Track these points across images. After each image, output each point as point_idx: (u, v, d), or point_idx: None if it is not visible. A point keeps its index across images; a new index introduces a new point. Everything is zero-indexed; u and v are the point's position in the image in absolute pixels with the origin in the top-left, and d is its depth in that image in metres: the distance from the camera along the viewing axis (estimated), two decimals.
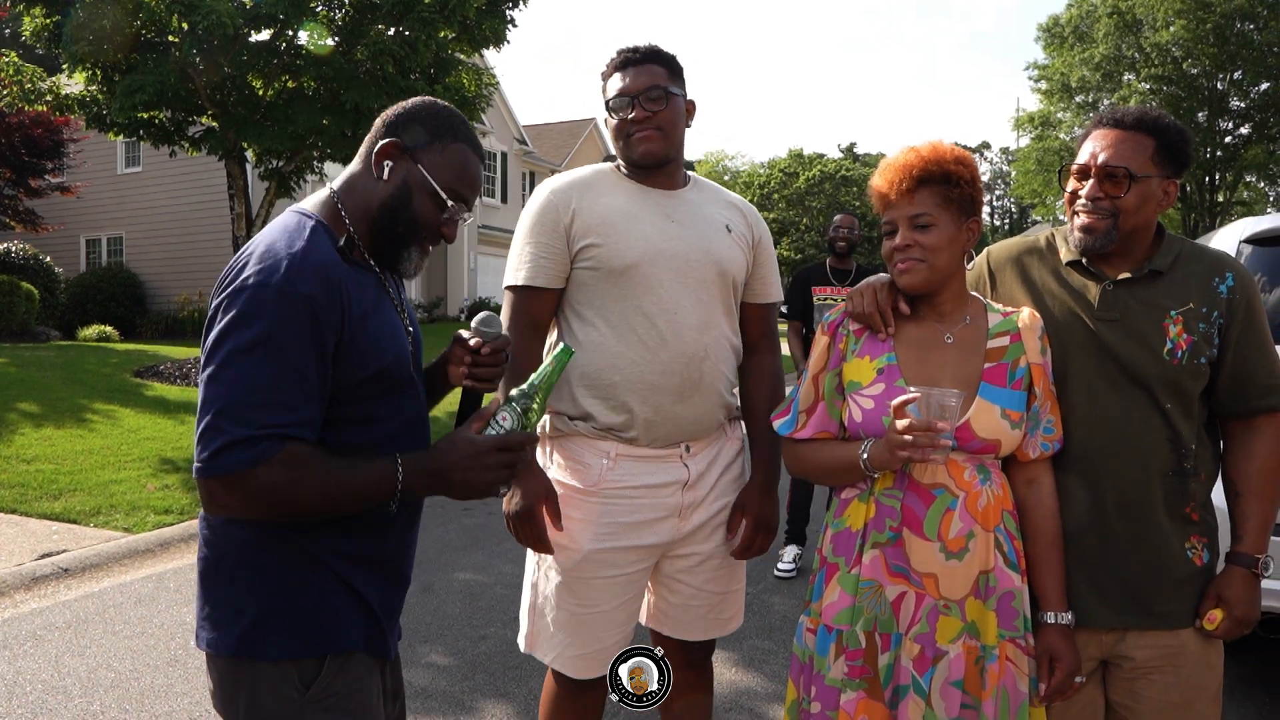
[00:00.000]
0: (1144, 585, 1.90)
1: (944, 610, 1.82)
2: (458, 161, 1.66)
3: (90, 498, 6.51)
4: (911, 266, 1.86)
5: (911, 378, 1.88)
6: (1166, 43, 27.75)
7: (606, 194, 2.25)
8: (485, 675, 3.87)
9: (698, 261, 2.23)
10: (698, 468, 2.28)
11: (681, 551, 2.31)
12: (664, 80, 2.23)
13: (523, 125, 30.65)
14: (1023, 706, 1.83)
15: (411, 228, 1.65)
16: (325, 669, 1.58)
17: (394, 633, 1.76)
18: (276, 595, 1.56)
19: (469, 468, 1.55)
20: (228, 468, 1.43)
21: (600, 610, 2.24)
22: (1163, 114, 1.97)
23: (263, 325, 1.45)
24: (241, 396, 1.44)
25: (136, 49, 10.66)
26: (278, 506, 1.48)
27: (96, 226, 22.50)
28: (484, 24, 12.03)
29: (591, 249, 2.19)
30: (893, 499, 1.87)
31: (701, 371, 2.22)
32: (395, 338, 1.66)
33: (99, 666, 3.92)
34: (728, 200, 2.42)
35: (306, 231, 1.57)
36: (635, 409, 2.18)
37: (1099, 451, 1.91)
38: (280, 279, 1.47)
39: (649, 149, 2.22)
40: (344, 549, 1.61)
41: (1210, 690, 1.93)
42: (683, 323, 2.19)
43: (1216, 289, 1.93)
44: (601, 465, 2.22)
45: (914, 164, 1.86)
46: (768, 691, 3.76)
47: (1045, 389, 1.90)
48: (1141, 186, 1.90)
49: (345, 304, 1.53)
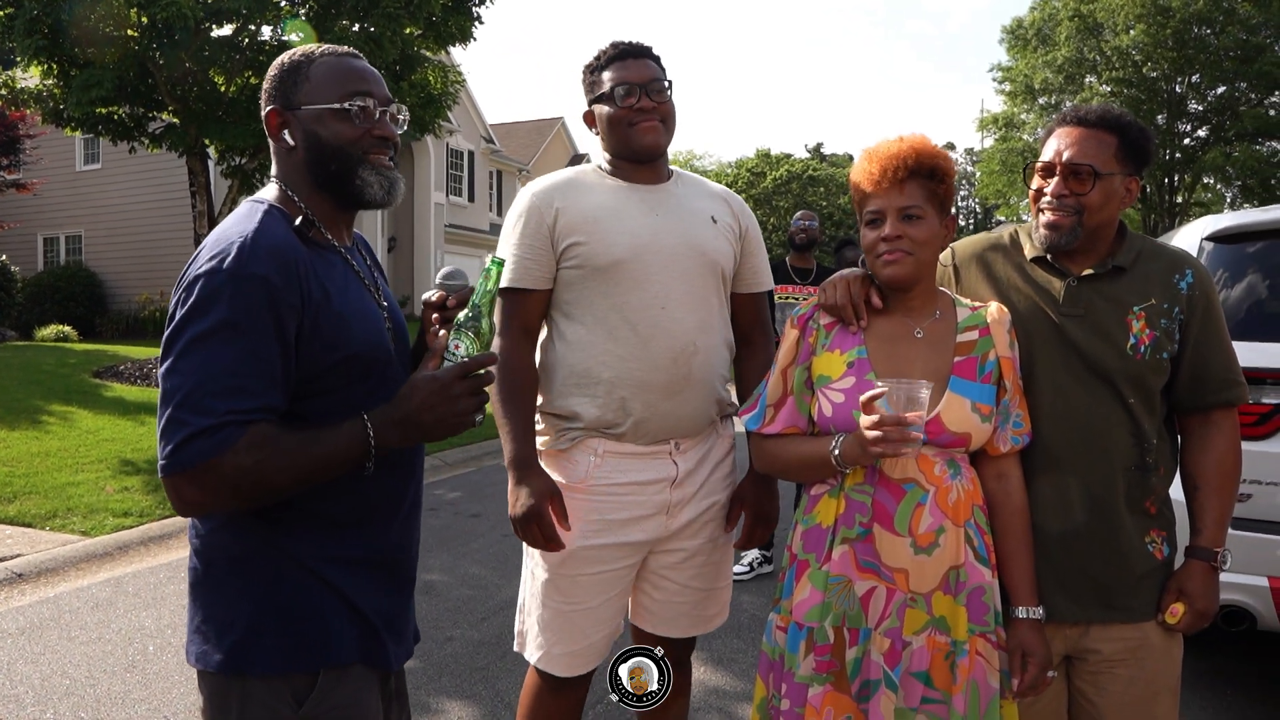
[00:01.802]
0: (1107, 580, 1.92)
1: (910, 603, 1.82)
2: (326, 73, 1.59)
3: (46, 500, 6.37)
4: (900, 258, 1.84)
5: (882, 371, 1.87)
6: (1127, 46, 28.19)
7: (589, 192, 2.23)
8: (451, 678, 3.82)
9: (684, 254, 2.21)
10: (687, 465, 2.25)
11: (668, 548, 2.29)
12: (662, 75, 2.24)
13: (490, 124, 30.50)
14: (993, 701, 1.82)
15: (341, 156, 1.58)
16: (319, 684, 1.52)
17: (400, 641, 1.68)
18: (266, 607, 1.50)
19: (437, 404, 1.49)
20: (192, 460, 1.37)
21: (586, 607, 2.22)
22: (1125, 112, 1.99)
23: (219, 311, 1.40)
24: (201, 384, 1.39)
25: (94, 42, 10.44)
26: (249, 491, 1.42)
27: (55, 224, 22.08)
28: (450, 21, 11.94)
29: (576, 247, 2.17)
30: (863, 494, 1.85)
31: (691, 366, 2.19)
32: (367, 320, 1.59)
33: (53, 674, 3.82)
34: (712, 191, 2.40)
35: (258, 215, 1.52)
36: (625, 406, 2.16)
37: (1064, 446, 1.92)
38: (232, 263, 1.42)
39: (655, 140, 2.22)
40: (336, 553, 1.56)
41: (1171, 682, 1.96)
42: (671, 317, 2.18)
43: (1177, 285, 1.95)
44: (589, 462, 2.19)
45: (906, 154, 1.85)
46: (737, 690, 3.74)
47: (1014, 383, 1.90)
48: (1105, 183, 1.92)
49: (304, 285, 1.48)
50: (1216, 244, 3.56)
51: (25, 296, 19.17)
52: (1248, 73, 27.03)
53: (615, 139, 2.24)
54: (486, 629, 4.36)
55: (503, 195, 32.30)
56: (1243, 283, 3.48)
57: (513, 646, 2.36)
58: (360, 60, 1.64)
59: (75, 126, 11.83)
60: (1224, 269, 3.50)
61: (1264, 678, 3.80)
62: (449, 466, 8.70)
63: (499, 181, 31.94)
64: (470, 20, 12.28)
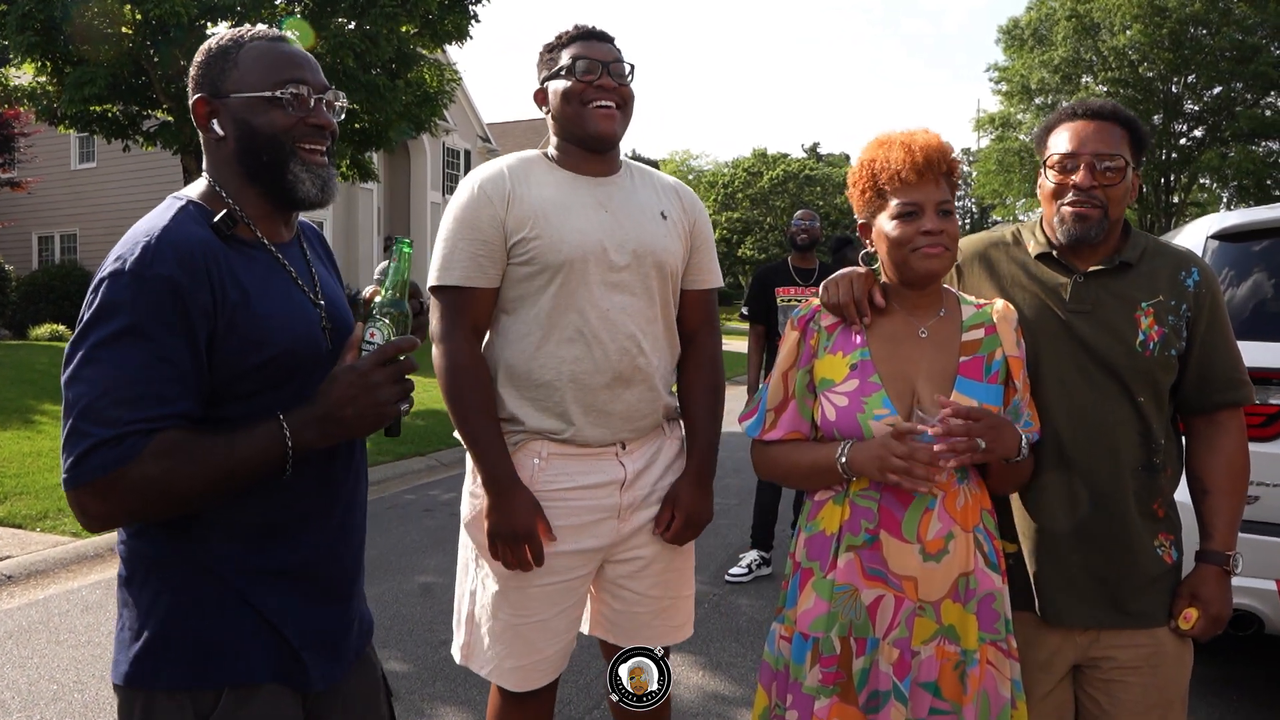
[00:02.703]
0: (1118, 583, 1.88)
1: (919, 612, 1.76)
2: (257, 59, 1.50)
3: (37, 501, 6.30)
4: (941, 252, 1.77)
5: (886, 373, 1.81)
6: (1123, 46, 28.22)
7: (538, 184, 2.11)
8: (445, 682, 3.76)
9: (633, 253, 2.12)
10: (635, 466, 2.16)
11: (623, 555, 2.21)
12: (624, 60, 2.14)
13: (487, 123, 30.45)
14: (1004, 710, 1.77)
15: (273, 146, 1.48)
16: (223, 703, 1.43)
17: (333, 658, 1.57)
18: (172, 618, 1.43)
19: (357, 395, 1.39)
20: (94, 473, 1.29)
21: (538, 619, 2.13)
22: (1123, 106, 1.99)
23: (122, 316, 1.32)
24: (105, 393, 1.31)
25: (88, 39, 10.36)
26: (158, 503, 1.34)
27: (49, 223, 22.01)
28: (446, 19, 11.89)
29: (526, 243, 2.06)
30: (869, 500, 1.80)
31: (636, 367, 2.12)
32: (293, 320, 1.49)
33: (40, 678, 3.76)
34: (663, 184, 2.30)
35: (172, 211, 1.44)
36: (567, 409, 2.08)
37: (1072, 444, 1.88)
38: (135, 263, 1.34)
39: (609, 128, 2.10)
40: (255, 565, 1.46)
41: (1183, 689, 1.92)
42: (617, 318, 2.09)
43: (1184, 282, 1.92)
44: (533, 466, 2.10)
45: (945, 149, 1.80)
46: (735, 695, 3.69)
47: (1024, 382, 1.85)
48: (1129, 176, 1.91)
49: (217, 285, 1.39)
50: (1222, 242, 3.51)
51: (19, 295, 19.08)
52: (1244, 73, 27.06)
53: (568, 118, 2.11)
54: None
55: None
56: (1248, 281, 3.44)
57: (458, 659, 2.25)
58: (293, 45, 1.55)
59: (69, 124, 11.76)
60: (1229, 267, 3.46)
61: (1271, 682, 3.75)
62: (444, 467, 8.64)
63: None
64: (467, 18, 12.22)
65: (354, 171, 13.09)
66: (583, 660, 3.64)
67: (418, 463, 8.62)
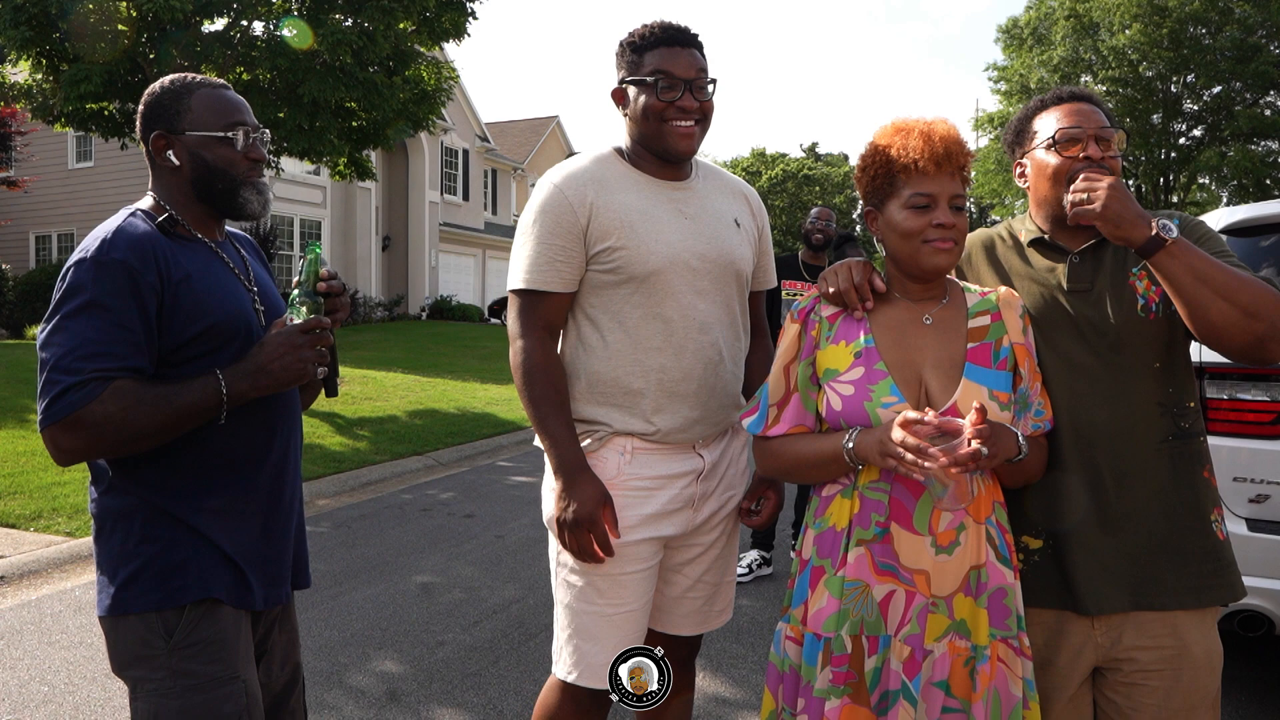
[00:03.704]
0: (1155, 561, 1.81)
1: (932, 608, 1.71)
2: (208, 105, 1.84)
3: (31, 501, 6.25)
4: (951, 246, 1.75)
5: (891, 360, 1.77)
6: (1123, 46, 28.20)
7: (620, 190, 2.10)
8: (441, 684, 3.71)
9: (714, 262, 2.15)
10: (711, 458, 2.21)
11: (687, 542, 2.24)
12: (708, 68, 2.11)
13: (485, 123, 30.41)
14: (1016, 709, 1.72)
15: (226, 177, 1.83)
16: (184, 618, 1.72)
17: (272, 584, 1.88)
18: (139, 554, 1.73)
19: (284, 354, 1.73)
20: (63, 411, 1.61)
21: (630, 609, 2.13)
22: None
23: (85, 293, 1.65)
24: (71, 350, 1.62)
25: (83, 36, 10.29)
26: (114, 436, 1.64)
27: (47, 223, 21.94)
28: (443, 16, 11.80)
29: (612, 253, 2.06)
30: (879, 492, 1.75)
31: (718, 376, 2.16)
32: (227, 298, 1.81)
33: (31, 680, 3.71)
34: (733, 189, 2.32)
35: (123, 216, 1.78)
36: (653, 415, 2.10)
37: (1090, 427, 1.82)
38: (95, 251, 1.68)
39: (689, 146, 2.10)
40: (204, 503, 1.77)
41: (1211, 696, 1.83)
42: (701, 326, 2.13)
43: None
44: (619, 460, 2.12)
45: (963, 143, 1.77)
46: (737, 698, 3.64)
47: (1031, 369, 1.81)
48: None
49: (163, 268, 1.71)
50: (1231, 237, 3.47)
51: (16, 295, 19.04)
52: (1244, 73, 27.05)
53: (647, 132, 2.10)
54: (478, 633, 4.25)
55: (497, 194, 32.19)
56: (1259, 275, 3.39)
57: (561, 675, 2.21)
58: (232, 91, 1.91)
59: (65, 122, 11.67)
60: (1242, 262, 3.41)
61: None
62: (443, 466, 8.59)
63: (493, 180, 31.84)
64: (464, 16, 12.13)
65: (352, 170, 13.02)
66: None
67: (415, 462, 8.57)
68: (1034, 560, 1.87)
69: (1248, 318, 1.67)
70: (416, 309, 25.61)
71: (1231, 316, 1.68)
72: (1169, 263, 1.70)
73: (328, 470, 7.77)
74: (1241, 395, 3.14)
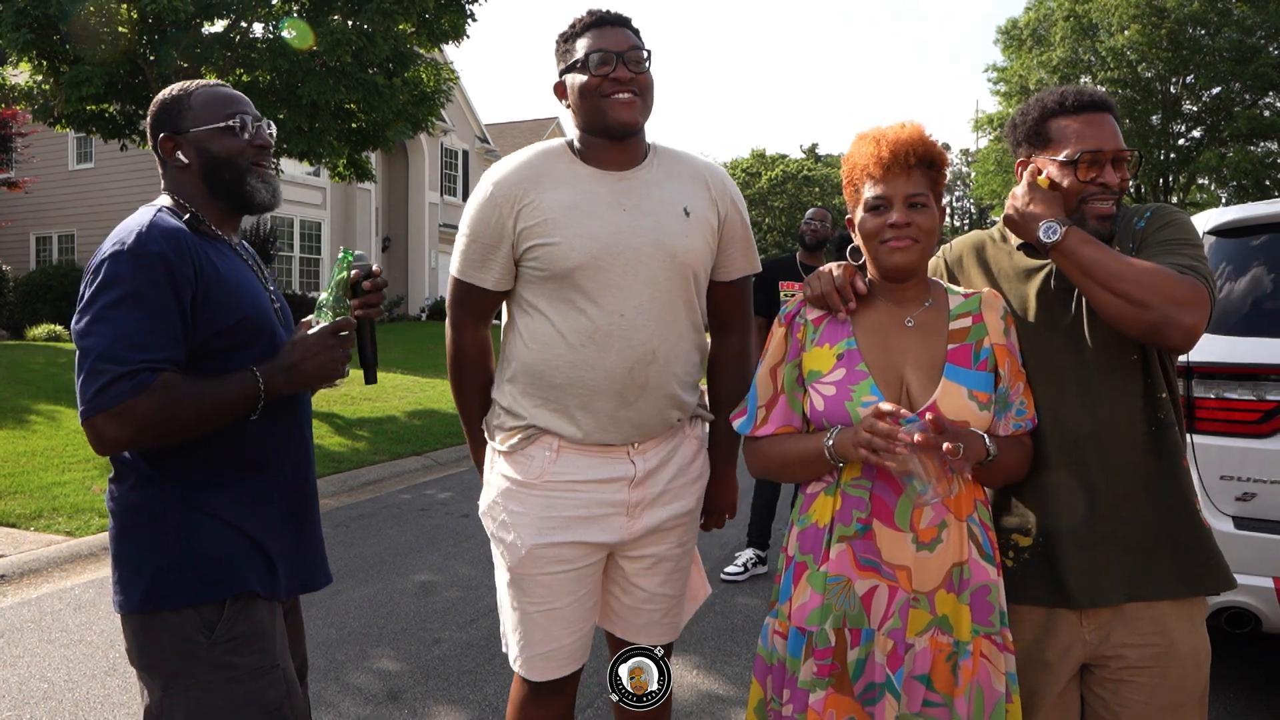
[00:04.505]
0: (1147, 551, 1.83)
1: (913, 603, 1.75)
2: (207, 100, 1.88)
3: (31, 501, 6.29)
4: (908, 245, 1.79)
5: (873, 362, 1.81)
6: (1122, 46, 28.20)
7: (554, 186, 2.08)
8: (438, 681, 3.74)
9: (650, 256, 2.07)
10: (647, 465, 2.15)
11: (635, 553, 2.20)
12: (642, 44, 2.11)
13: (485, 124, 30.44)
14: (998, 704, 1.75)
15: (232, 166, 1.87)
16: (226, 613, 1.74)
17: (297, 574, 1.91)
18: (173, 548, 1.73)
19: (316, 354, 1.79)
20: (114, 400, 1.62)
21: (551, 608, 2.13)
22: None
23: (124, 285, 1.67)
24: (116, 340, 1.64)
25: (84, 38, 10.33)
26: (159, 429, 1.66)
27: (47, 224, 21.96)
28: (443, 18, 11.83)
29: (535, 250, 2.05)
30: (861, 489, 1.78)
31: (648, 376, 2.09)
32: (253, 294, 1.86)
33: (31, 677, 3.74)
34: (692, 172, 2.21)
35: (152, 212, 1.80)
36: (577, 413, 2.08)
37: (1076, 424, 1.85)
38: (133, 243, 1.69)
39: (630, 116, 2.05)
40: (236, 497, 1.79)
41: (1198, 693, 1.86)
42: (630, 325, 2.06)
43: (1135, 225, 1.93)
44: (544, 458, 2.11)
45: (916, 141, 1.80)
46: (730, 694, 3.67)
47: (1013, 370, 1.84)
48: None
49: (196, 261, 1.74)
50: (1219, 238, 3.50)
51: (17, 296, 19.05)
52: (1243, 74, 27.06)
53: (587, 111, 2.07)
54: (475, 631, 4.28)
55: None
56: (1246, 277, 3.42)
57: (501, 648, 2.31)
58: (229, 88, 1.94)
59: (65, 124, 11.70)
60: (1227, 262, 3.44)
61: (1270, 679, 3.73)
62: (440, 467, 8.62)
63: None
64: (463, 18, 12.16)
65: (351, 171, 13.05)
66: None
67: (414, 462, 8.60)
68: (1024, 558, 1.89)
69: (1135, 306, 1.72)
70: (416, 310, 25.65)
71: (1118, 306, 1.74)
72: (1060, 260, 1.82)
73: (327, 470, 7.81)
74: (1229, 394, 3.17)
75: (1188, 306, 1.71)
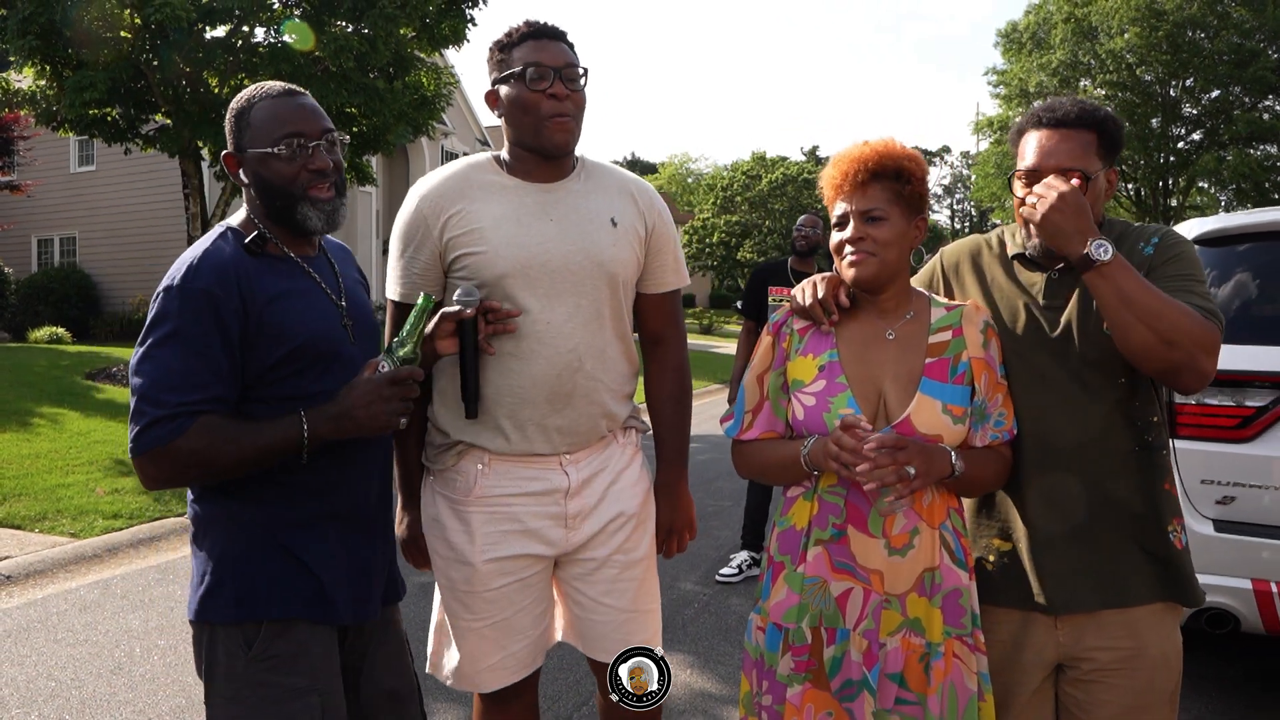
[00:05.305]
0: (1119, 562, 1.88)
1: (886, 605, 1.82)
2: (263, 118, 1.81)
3: (36, 503, 6.35)
4: (863, 259, 1.85)
5: (853, 375, 1.87)
6: (1121, 49, 28.28)
7: (480, 199, 2.08)
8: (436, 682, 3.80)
9: (576, 265, 2.07)
10: (581, 475, 2.14)
11: (576, 557, 2.20)
12: (577, 61, 2.07)
13: (485, 126, 30.49)
14: (971, 702, 1.82)
15: (283, 193, 1.81)
16: (263, 633, 1.76)
17: (359, 595, 1.88)
18: (222, 564, 1.78)
19: (370, 403, 1.75)
20: (151, 443, 1.66)
21: (500, 620, 2.15)
22: (1098, 105, 1.96)
23: (170, 322, 1.69)
24: (156, 381, 1.67)
25: (87, 43, 10.41)
26: (198, 471, 1.71)
27: (49, 226, 22.00)
28: (443, 23, 11.93)
29: (464, 259, 2.05)
30: (836, 496, 1.86)
31: (574, 384, 2.09)
32: (312, 318, 1.83)
33: (38, 676, 3.82)
34: (619, 185, 2.21)
35: (212, 238, 1.81)
36: (502, 423, 2.08)
37: (1059, 438, 1.89)
38: (180, 279, 1.72)
39: (564, 139, 2.05)
40: (288, 517, 1.80)
41: (1167, 692, 1.91)
42: (555, 333, 2.06)
43: (1142, 251, 1.91)
44: (475, 471, 2.11)
45: (868, 157, 1.85)
46: (723, 694, 3.74)
47: (991, 383, 1.89)
48: (1093, 184, 1.89)
49: (245, 292, 1.74)
50: (1202, 247, 3.56)
51: (19, 298, 19.12)
52: (1242, 77, 27.13)
53: (520, 127, 2.06)
54: None
55: None
56: (1228, 285, 3.49)
57: (426, 669, 2.31)
58: (295, 98, 1.85)
59: (69, 128, 11.80)
60: (1209, 271, 3.51)
61: (1249, 679, 3.80)
62: None
63: None
64: (464, 23, 12.27)
65: (352, 175, 13.14)
66: (572, 658, 3.70)
67: None
68: (1003, 562, 1.95)
69: (1166, 345, 1.73)
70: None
71: (1150, 341, 1.73)
72: (1098, 282, 1.76)
73: None
74: (1209, 400, 3.24)
75: (1211, 353, 1.76)
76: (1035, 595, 1.90)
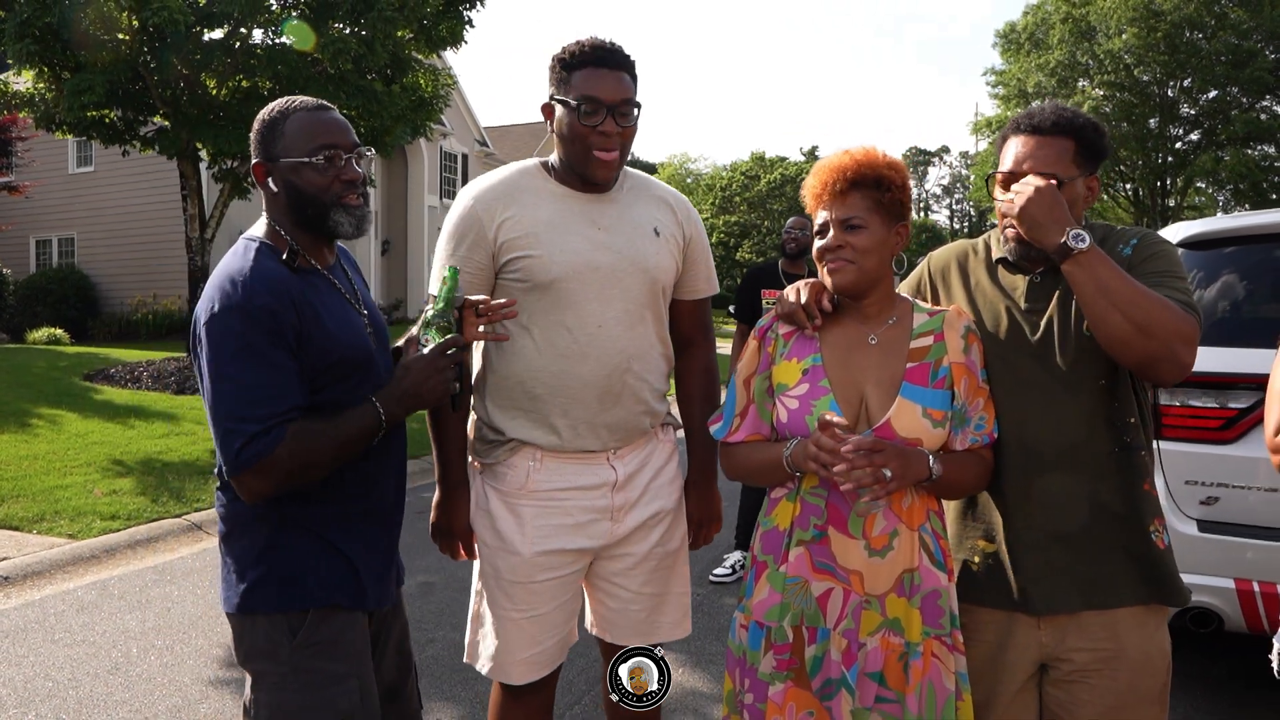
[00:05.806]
0: (1101, 562, 1.89)
1: (865, 605, 1.85)
2: (298, 129, 1.86)
3: (34, 504, 6.38)
4: (841, 266, 1.88)
5: (835, 379, 1.91)
6: (1119, 50, 28.33)
7: (533, 204, 2.18)
8: (431, 679, 3.85)
9: (625, 271, 2.19)
10: (626, 469, 2.27)
11: (616, 553, 2.30)
12: (634, 94, 2.14)
13: (484, 127, 30.52)
14: (949, 701, 1.85)
15: (316, 202, 1.86)
16: (309, 620, 1.84)
17: (379, 583, 1.97)
18: (265, 559, 1.85)
19: (429, 376, 1.86)
20: (252, 459, 1.72)
21: (537, 614, 2.24)
22: (1078, 112, 1.97)
23: (239, 340, 1.74)
24: (240, 399, 1.73)
25: (86, 46, 10.44)
26: (300, 473, 1.77)
27: (47, 227, 22.03)
28: (441, 24, 11.95)
29: (518, 262, 2.15)
30: (818, 497, 1.89)
31: (624, 383, 2.20)
32: (350, 328, 1.91)
33: (36, 676, 3.85)
34: (658, 196, 2.34)
35: (252, 254, 1.84)
36: (556, 421, 2.18)
37: (1039, 440, 1.91)
38: (240, 298, 1.75)
39: (607, 175, 2.16)
40: (331, 511, 1.89)
41: (1151, 693, 1.92)
42: (607, 335, 2.17)
43: (1121, 253, 1.93)
44: (528, 468, 2.21)
45: (848, 166, 1.89)
46: (712, 692, 3.77)
47: (972, 387, 1.91)
48: (1068, 189, 1.91)
49: (298, 306, 1.79)
50: (1189, 250, 3.60)
51: (17, 299, 19.14)
52: (1239, 77, 27.19)
53: (569, 153, 2.16)
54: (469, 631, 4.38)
55: None
56: (1213, 288, 3.53)
57: (465, 658, 2.37)
58: (328, 112, 1.91)
59: (67, 130, 11.82)
60: (1195, 273, 3.55)
61: (1233, 677, 3.83)
62: None
63: None
64: (461, 24, 12.29)
65: None
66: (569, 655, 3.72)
67: (411, 465, 8.65)
68: (988, 564, 1.97)
69: (1143, 335, 1.74)
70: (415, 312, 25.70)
71: (1127, 331, 1.75)
72: (1076, 271, 1.79)
73: None
74: (1193, 402, 3.28)
75: (1188, 344, 1.78)
76: (1018, 596, 1.92)
